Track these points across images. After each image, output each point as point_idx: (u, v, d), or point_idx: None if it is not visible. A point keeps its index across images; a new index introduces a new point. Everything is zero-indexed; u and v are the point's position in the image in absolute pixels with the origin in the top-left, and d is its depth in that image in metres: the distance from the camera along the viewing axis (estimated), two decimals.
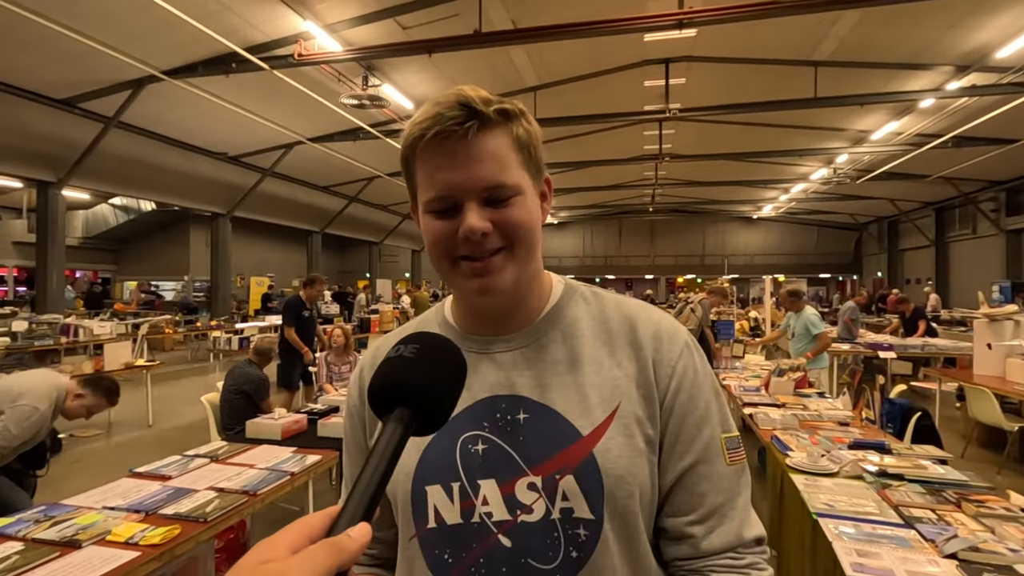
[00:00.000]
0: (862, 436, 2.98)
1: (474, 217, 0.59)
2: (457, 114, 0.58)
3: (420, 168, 0.62)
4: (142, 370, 6.47)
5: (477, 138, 0.59)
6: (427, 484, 0.64)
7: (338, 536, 0.36)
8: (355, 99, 9.06)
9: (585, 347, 0.67)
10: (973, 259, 17.54)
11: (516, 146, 0.62)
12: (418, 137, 0.60)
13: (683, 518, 0.65)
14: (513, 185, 0.61)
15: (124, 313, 12.83)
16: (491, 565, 0.61)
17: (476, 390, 0.66)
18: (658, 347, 0.67)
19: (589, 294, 0.73)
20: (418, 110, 0.62)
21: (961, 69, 9.36)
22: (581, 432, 0.62)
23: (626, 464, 0.62)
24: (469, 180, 0.59)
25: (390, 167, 15.49)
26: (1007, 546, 1.77)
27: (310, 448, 2.90)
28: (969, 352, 5.90)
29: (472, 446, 0.64)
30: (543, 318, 0.69)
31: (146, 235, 19.93)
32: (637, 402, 0.64)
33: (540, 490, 0.61)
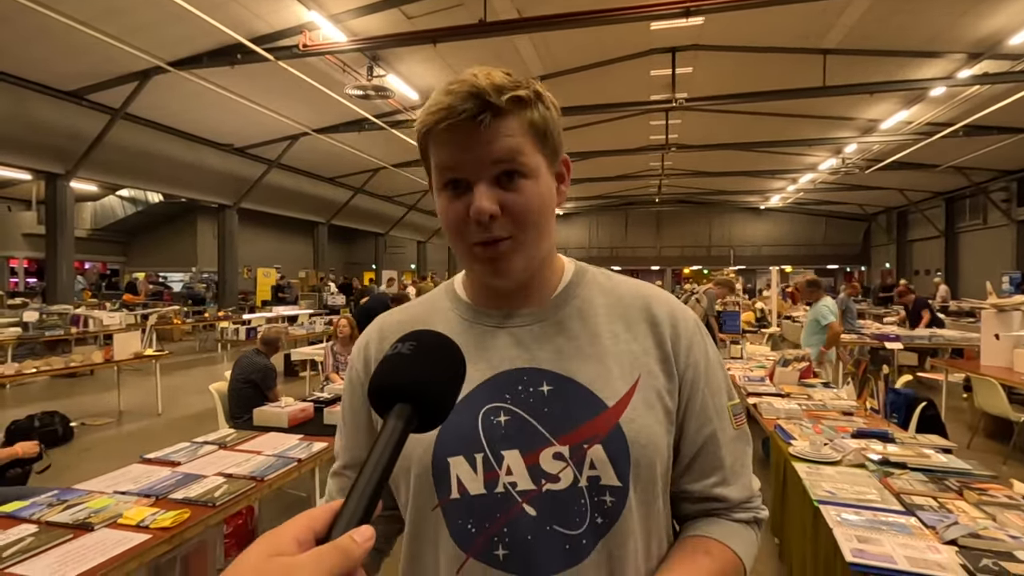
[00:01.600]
0: (866, 425, 2.98)
1: (483, 198, 0.61)
2: (469, 107, 0.59)
3: (434, 153, 0.64)
4: (151, 360, 6.54)
5: (489, 127, 0.60)
6: (449, 456, 0.65)
7: (343, 539, 0.37)
8: (360, 90, 9.05)
9: (601, 322, 0.70)
10: (983, 250, 17.37)
11: (530, 130, 0.63)
12: (431, 126, 0.61)
13: (707, 480, 0.71)
14: (524, 165, 0.62)
15: (133, 304, 12.95)
16: (515, 533, 0.63)
17: (496, 363, 0.68)
18: (675, 324, 0.71)
19: (600, 274, 0.76)
20: (432, 96, 0.63)
21: (973, 56, 9.22)
22: (607, 403, 0.65)
23: (649, 434, 0.65)
24: (479, 160, 0.61)
25: (396, 158, 15.48)
26: (1008, 533, 1.78)
27: (316, 436, 2.94)
28: (976, 343, 5.86)
29: (494, 418, 0.66)
30: (558, 295, 0.72)
31: (154, 227, 20.06)
32: (658, 376, 0.68)
33: (567, 459, 0.63)
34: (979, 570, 1.54)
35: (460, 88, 0.59)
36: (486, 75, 0.60)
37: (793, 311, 11.42)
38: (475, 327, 0.71)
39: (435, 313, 0.75)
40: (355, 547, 0.37)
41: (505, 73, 0.62)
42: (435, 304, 0.76)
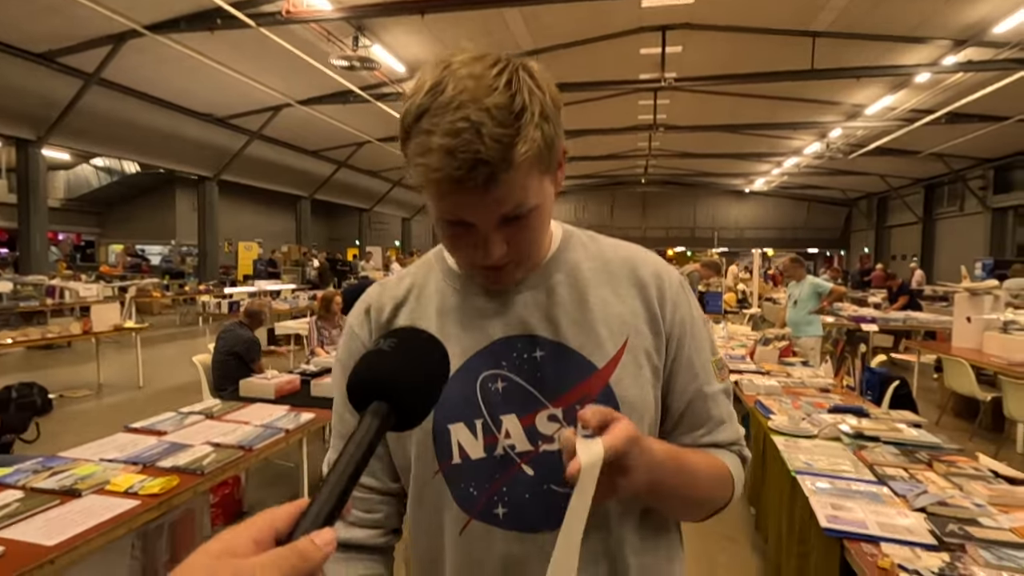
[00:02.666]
0: (842, 402, 3.08)
1: (494, 247, 0.61)
2: (475, 177, 0.54)
3: (434, 197, 0.59)
4: (131, 332, 6.45)
5: (495, 188, 0.56)
6: (449, 423, 0.67)
7: (303, 542, 0.35)
8: (345, 60, 8.84)
9: (590, 287, 0.71)
10: (959, 236, 17.76)
11: (536, 163, 0.58)
12: (427, 187, 0.58)
13: (696, 432, 0.74)
14: (531, 204, 0.60)
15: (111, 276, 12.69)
16: (514, 492, 0.66)
17: (491, 331, 0.69)
18: (660, 284, 0.72)
19: (586, 238, 0.77)
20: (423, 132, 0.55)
21: (958, 43, 9.30)
22: (596, 365, 0.67)
23: (638, 392, 0.68)
24: (487, 215, 0.59)
25: (381, 132, 15.22)
26: (972, 501, 1.87)
27: (304, 407, 2.94)
28: (949, 325, 6.05)
29: (492, 384, 0.68)
30: (547, 263, 0.72)
31: (130, 198, 19.57)
32: (645, 336, 0.70)
33: (562, 420, 0.66)
34: (946, 535, 1.62)
35: (462, 150, 0.53)
36: (487, 125, 0.53)
37: (774, 292, 11.63)
38: (468, 297, 0.72)
39: (429, 282, 0.75)
40: (314, 551, 0.35)
41: (506, 87, 0.55)
42: (428, 275, 0.76)
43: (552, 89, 0.59)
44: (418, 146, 0.56)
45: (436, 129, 0.54)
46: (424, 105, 0.55)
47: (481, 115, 0.53)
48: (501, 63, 0.56)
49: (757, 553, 2.87)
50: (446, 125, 0.54)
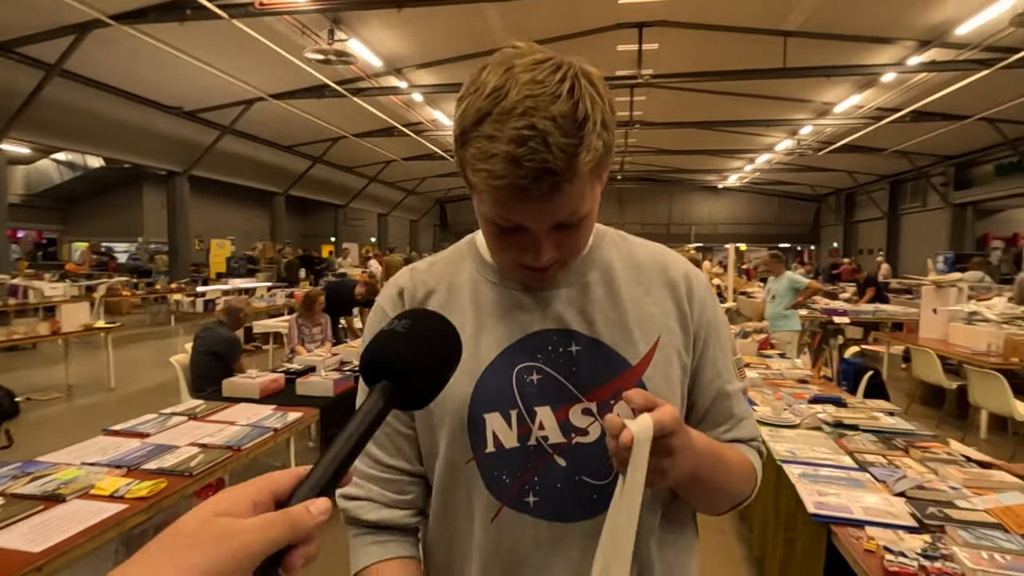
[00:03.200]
0: (820, 392, 3.18)
1: (545, 252, 0.62)
2: (540, 190, 0.55)
3: (489, 201, 0.59)
4: (100, 333, 6.25)
5: (557, 198, 0.56)
6: (485, 412, 0.68)
7: (297, 508, 0.36)
8: (320, 54, 8.68)
9: (622, 286, 0.73)
10: (922, 231, 18.39)
11: (594, 173, 0.59)
12: (487, 193, 0.57)
13: (719, 429, 0.76)
14: (585, 211, 0.62)
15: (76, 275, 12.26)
16: (546, 482, 0.67)
17: (526, 324, 0.70)
18: (689, 285, 0.75)
19: (617, 237, 0.79)
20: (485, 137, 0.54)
21: (923, 44, 9.60)
22: (630, 362, 0.69)
23: (668, 388, 0.70)
24: (543, 221, 0.59)
25: (356, 127, 15.01)
26: (948, 484, 1.95)
27: (290, 406, 2.91)
28: (916, 317, 6.27)
29: (527, 376, 0.69)
30: (582, 260, 0.73)
31: (95, 194, 18.88)
32: (676, 334, 0.72)
33: (595, 414, 0.68)
34: (926, 517, 1.69)
35: (528, 158, 0.53)
36: (554, 134, 0.53)
37: (748, 287, 11.86)
38: (504, 290, 0.72)
39: (462, 272, 0.75)
40: (307, 518, 0.35)
41: (568, 94, 0.54)
42: (460, 264, 0.76)
43: (610, 96, 0.59)
44: (479, 152, 0.55)
45: (500, 135, 0.54)
46: (485, 109, 0.55)
47: (547, 124, 0.53)
48: (563, 68, 0.56)
49: (743, 543, 2.94)
50: (511, 132, 0.53)
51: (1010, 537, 1.57)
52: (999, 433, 4.58)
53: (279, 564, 0.35)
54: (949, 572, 1.41)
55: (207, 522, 0.33)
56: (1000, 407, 4.06)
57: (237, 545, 0.32)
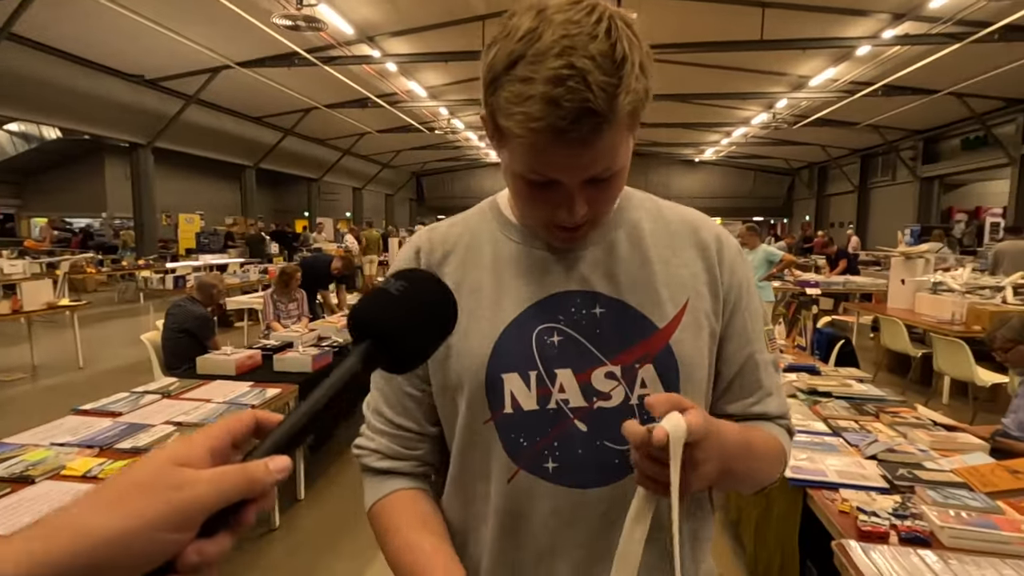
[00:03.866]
0: (795, 361, 3.25)
1: (579, 207, 0.60)
2: (580, 133, 0.52)
3: (522, 151, 0.57)
4: (66, 311, 6.04)
5: (595, 143, 0.54)
6: (503, 372, 0.66)
7: (256, 464, 0.35)
8: (288, 19, 8.31)
9: (650, 247, 0.71)
10: (890, 204, 18.82)
11: (631, 121, 0.57)
12: (524, 138, 0.54)
13: (747, 400, 0.73)
14: (620, 165, 0.60)
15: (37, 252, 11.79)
16: (566, 447, 0.65)
17: (548, 285, 0.68)
18: (720, 249, 0.72)
19: (644, 197, 0.76)
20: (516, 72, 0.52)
21: (897, 17, 9.66)
22: (657, 325, 0.67)
23: (696, 354, 0.68)
24: (579, 171, 0.57)
25: (329, 98, 14.55)
26: (917, 447, 2.03)
27: (268, 382, 2.86)
28: (884, 288, 6.45)
29: (548, 338, 0.67)
30: (609, 220, 0.71)
31: (53, 166, 18.05)
32: (705, 298, 0.70)
33: (619, 378, 0.66)
34: (896, 479, 1.76)
35: (568, 99, 0.50)
36: (594, 72, 0.50)
37: None
38: (526, 249, 0.70)
39: (483, 232, 0.73)
40: (264, 475, 0.35)
41: (605, 34, 0.52)
42: (481, 224, 0.74)
43: (646, 43, 0.56)
44: (513, 95, 0.53)
45: (536, 76, 0.51)
46: (518, 52, 0.52)
47: (586, 63, 0.50)
48: (599, 10, 0.54)
49: (719, 510, 3.02)
50: (548, 72, 0.51)
51: (975, 495, 1.63)
52: (960, 398, 4.78)
53: (231, 516, 0.34)
54: (919, 530, 1.46)
55: (161, 471, 0.33)
56: (962, 373, 4.23)
57: (188, 497, 0.32)
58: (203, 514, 0.32)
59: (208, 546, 0.33)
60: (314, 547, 2.71)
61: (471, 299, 0.69)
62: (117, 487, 0.32)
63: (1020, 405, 2.46)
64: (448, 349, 0.67)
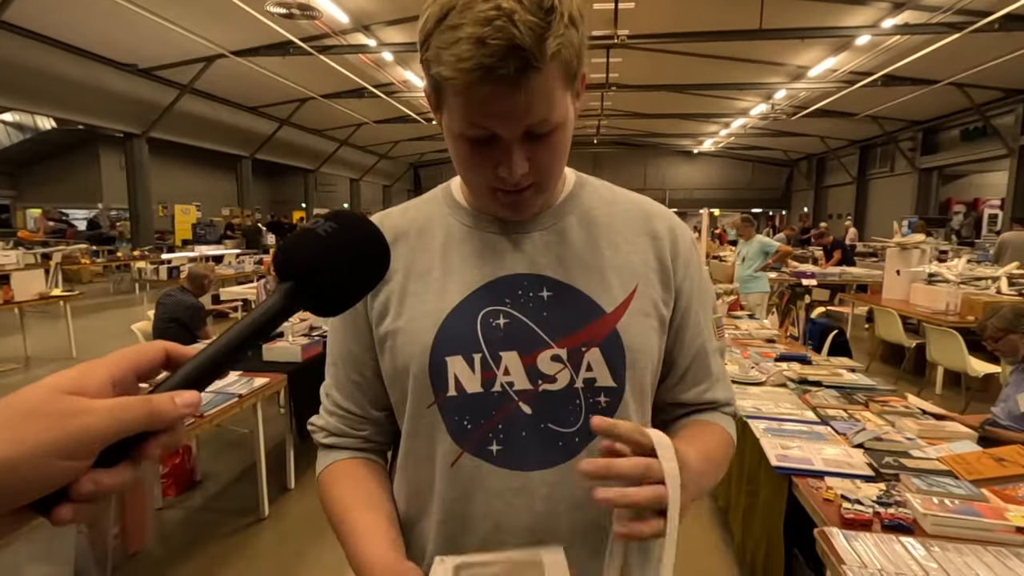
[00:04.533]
0: (787, 351, 3.25)
1: (518, 161, 0.59)
2: (510, 68, 0.52)
3: (458, 104, 0.57)
4: (59, 301, 6.02)
5: (527, 86, 0.54)
6: (447, 355, 0.66)
7: (162, 397, 0.33)
8: (283, 7, 8.23)
9: (602, 233, 0.71)
10: (889, 195, 18.78)
11: (562, 73, 0.57)
12: (459, 80, 0.53)
13: (698, 387, 0.76)
14: (557, 117, 0.59)
15: (31, 242, 11.75)
16: (510, 429, 0.65)
17: (496, 268, 0.68)
18: (674, 239, 0.73)
19: (600, 185, 0.77)
20: (448, 27, 0.53)
21: (897, 6, 9.58)
22: (605, 309, 0.67)
23: (643, 340, 0.68)
24: (515, 120, 0.56)
25: (325, 88, 14.45)
26: (904, 436, 2.02)
27: (257, 371, 2.85)
28: (880, 279, 6.44)
29: (493, 320, 0.66)
30: (560, 204, 0.72)
31: (48, 157, 17.96)
32: (654, 286, 0.70)
33: (565, 361, 0.66)
34: (882, 466, 1.75)
35: (495, 38, 0.51)
36: (520, 12, 0.51)
37: (720, 251, 12.02)
38: (476, 232, 0.71)
39: (434, 217, 0.73)
40: (169, 408, 0.33)
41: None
42: (433, 208, 0.75)
43: (578, 3, 0.57)
44: (444, 42, 0.53)
45: (464, 21, 0.52)
46: (448, 5, 0.53)
47: (513, 4, 0.51)
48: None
49: (708, 496, 3.03)
50: (475, 15, 0.51)
51: (959, 483, 1.63)
52: (953, 388, 4.79)
53: (133, 447, 0.33)
54: (901, 517, 1.46)
55: (50, 398, 0.31)
56: (955, 363, 4.23)
57: (81, 424, 0.30)
58: (98, 443, 0.31)
59: (105, 477, 0.32)
60: (303, 536, 2.71)
61: (419, 283, 0.69)
62: (2, 415, 0.30)
63: (1010, 394, 2.46)
64: (395, 335, 0.68)
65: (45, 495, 0.31)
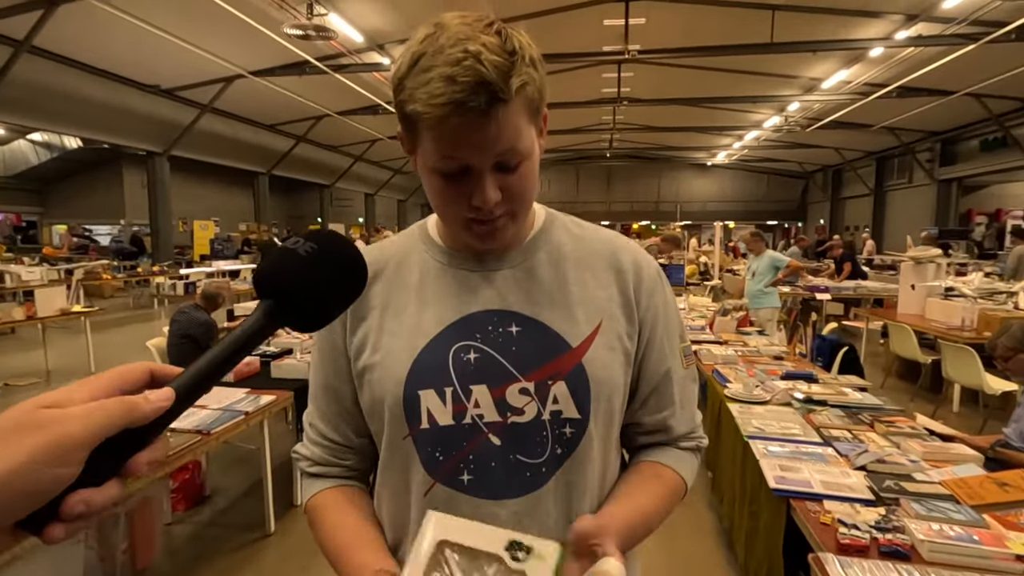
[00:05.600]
0: (794, 369, 3.21)
1: (489, 189, 0.62)
2: (478, 102, 0.56)
3: (431, 138, 0.61)
4: (79, 317, 6.18)
5: (496, 117, 0.58)
6: (420, 389, 0.68)
7: (135, 396, 0.35)
8: (299, 29, 8.45)
9: (569, 269, 0.74)
10: (907, 207, 18.50)
11: (526, 108, 0.62)
12: (432, 116, 0.58)
13: (660, 414, 0.77)
14: (524, 149, 0.63)
15: (55, 258, 12.07)
16: (480, 460, 0.68)
17: (468, 304, 0.71)
18: (638, 272, 0.76)
19: (570, 222, 0.80)
20: (421, 69, 0.58)
21: (910, 18, 9.53)
22: (571, 344, 0.70)
23: (609, 372, 0.71)
24: (484, 151, 0.60)
25: (340, 105, 14.74)
26: (908, 458, 1.99)
27: (264, 389, 2.89)
28: (896, 293, 6.33)
29: (464, 355, 0.69)
30: (530, 241, 0.75)
31: (74, 174, 18.49)
32: (619, 320, 0.73)
33: (532, 394, 0.68)
34: (883, 490, 1.73)
35: (465, 76, 0.55)
36: (486, 53, 0.56)
37: (734, 264, 11.92)
38: (450, 270, 0.74)
39: (411, 254, 0.77)
40: (143, 404, 0.34)
41: (495, 34, 0.59)
42: (410, 245, 0.78)
43: (536, 50, 0.63)
44: (416, 83, 0.58)
45: (435, 63, 0.57)
46: (419, 51, 0.59)
47: (479, 47, 0.56)
48: (488, 19, 0.60)
49: (713, 513, 3.00)
50: (445, 58, 0.57)
51: (960, 508, 1.60)
52: (971, 406, 4.68)
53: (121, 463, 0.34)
54: (899, 543, 1.44)
55: (32, 412, 0.32)
56: (972, 380, 4.14)
57: (62, 431, 0.31)
58: (79, 448, 0.32)
59: (96, 495, 0.33)
60: (308, 552, 2.73)
61: (394, 321, 0.72)
62: None
63: (1021, 415, 2.41)
64: (372, 369, 0.71)
65: (36, 511, 0.32)
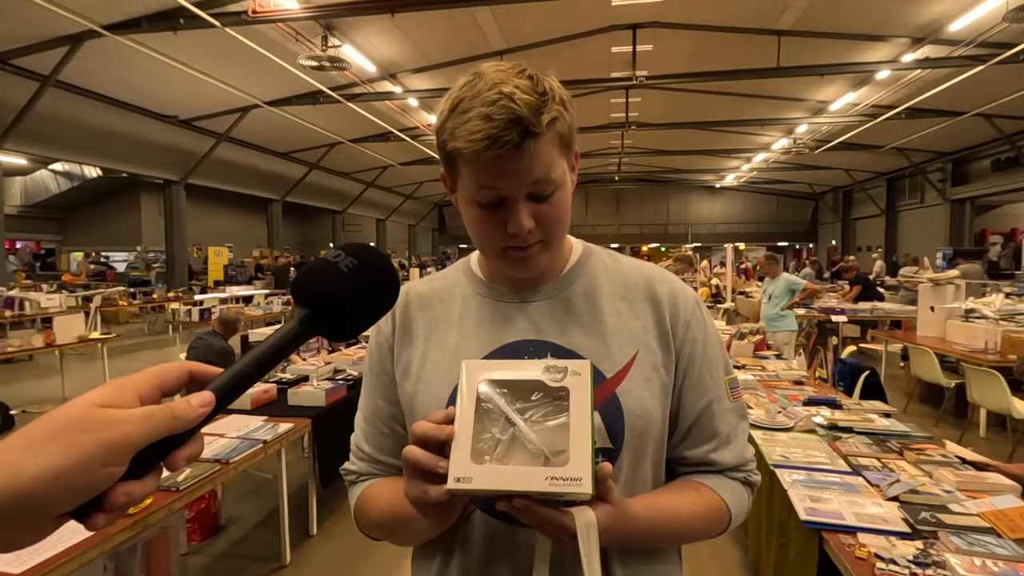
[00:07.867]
0: (815, 394, 3.15)
1: (523, 217, 0.65)
2: (512, 137, 0.60)
3: (470, 172, 0.65)
4: (97, 343, 6.24)
5: (529, 149, 0.62)
6: None
7: (179, 402, 0.37)
8: (314, 60, 8.68)
9: (605, 301, 0.75)
10: (920, 227, 18.37)
11: (558, 143, 0.66)
12: (470, 152, 0.62)
13: (703, 447, 0.76)
14: (556, 180, 0.66)
15: (73, 285, 12.25)
16: None
17: (506, 334, 0.74)
18: (674, 303, 0.76)
19: (605, 254, 0.82)
20: (460, 111, 0.63)
21: (916, 41, 9.60)
22: (605, 375, 0.70)
23: (644, 404, 0.70)
24: (519, 182, 0.64)
25: (352, 133, 15.02)
26: (942, 488, 1.93)
27: (281, 417, 2.89)
28: (914, 315, 6.25)
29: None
30: (566, 274, 0.77)
31: (93, 203, 18.90)
32: (655, 352, 0.73)
33: None
34: (919, 523, 1.67)
35: (499, 114, 0.60)
36: (519, 93, 0.61)
37: (746, 287, 11.84)
38: (488, 301, 0.77)
39: (455, 287, 0.81)
40: (188, 410, 0.37)
41: (528, 78, 0.63)
42: (455, 280, 0.82)
43: (567, 93, 0.67)
44: (456, 123, 0.63)
45: (472, 106, 0.62)
46: (459, 96, 0.64)
47: (513, 88, 0.61)
48: (522, 67, 0.65)
49: (738, 546, 2.92)
50: (481, 100, 0.61)
51: (1003, 542, 1.55)
52: (998, 431, 4.56)
53: (162, 458, 0.37)
54: None
55: (91, 410, 0.34)
56: (998, 405, 4.04)
57: (119, 433, 0.34)
58: (133, 449, 0.35)
59: (136, 487, 0.36)
60: None
61: (437, 350, 0.75)
62: (46, 429, 0.33)
63: None
64: (415, 396, 0.74)
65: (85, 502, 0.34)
